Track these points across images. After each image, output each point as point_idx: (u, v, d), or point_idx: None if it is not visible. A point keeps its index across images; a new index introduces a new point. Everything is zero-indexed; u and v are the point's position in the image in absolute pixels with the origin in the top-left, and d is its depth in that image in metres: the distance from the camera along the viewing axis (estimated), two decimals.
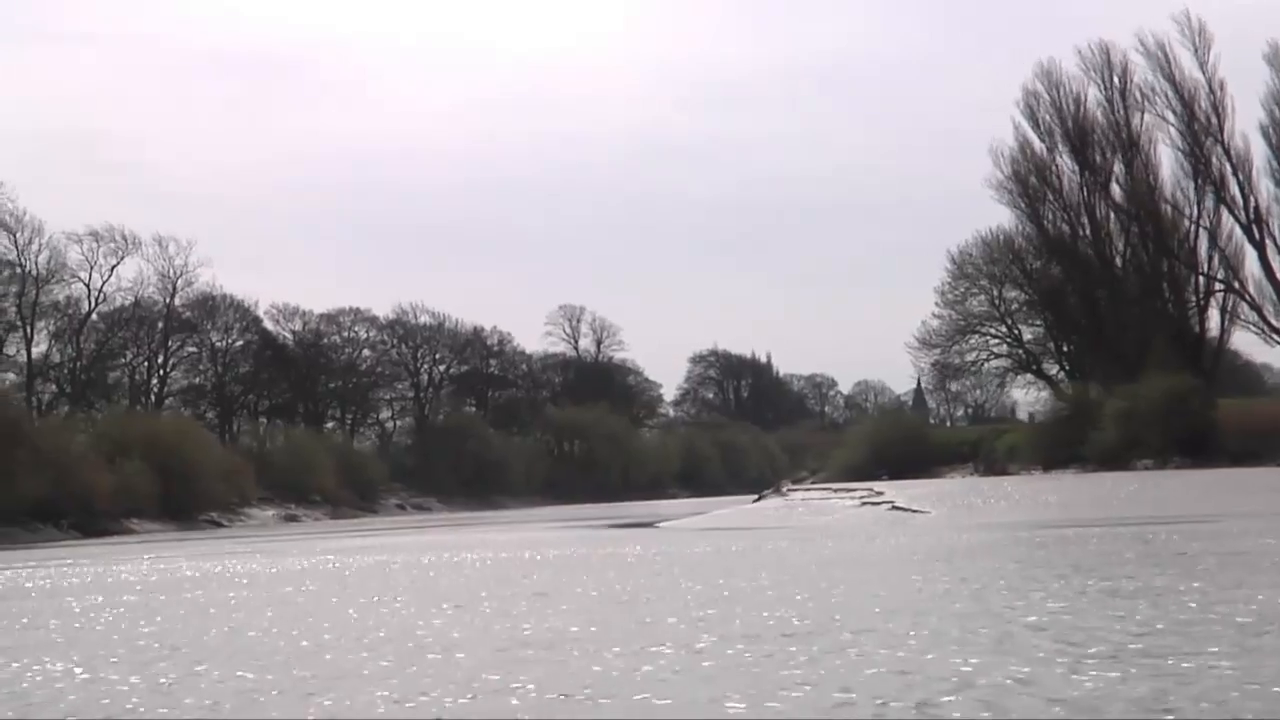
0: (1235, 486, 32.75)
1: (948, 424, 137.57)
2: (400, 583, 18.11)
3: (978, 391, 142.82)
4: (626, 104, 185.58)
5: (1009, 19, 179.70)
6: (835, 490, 40.68)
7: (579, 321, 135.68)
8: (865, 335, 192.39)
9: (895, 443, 62.62)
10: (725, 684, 7.36)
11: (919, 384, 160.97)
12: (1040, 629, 9.08)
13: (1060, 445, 54.69)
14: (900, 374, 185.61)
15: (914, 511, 30.37)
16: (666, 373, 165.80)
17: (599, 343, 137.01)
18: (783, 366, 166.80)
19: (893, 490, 37.11)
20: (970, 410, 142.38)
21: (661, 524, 40.79)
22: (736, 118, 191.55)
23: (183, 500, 69.81)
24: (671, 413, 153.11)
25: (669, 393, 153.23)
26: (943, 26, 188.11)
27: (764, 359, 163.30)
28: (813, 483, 65.48)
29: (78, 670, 9.67)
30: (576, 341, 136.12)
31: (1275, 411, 50.35)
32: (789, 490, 47.52)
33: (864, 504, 34.05)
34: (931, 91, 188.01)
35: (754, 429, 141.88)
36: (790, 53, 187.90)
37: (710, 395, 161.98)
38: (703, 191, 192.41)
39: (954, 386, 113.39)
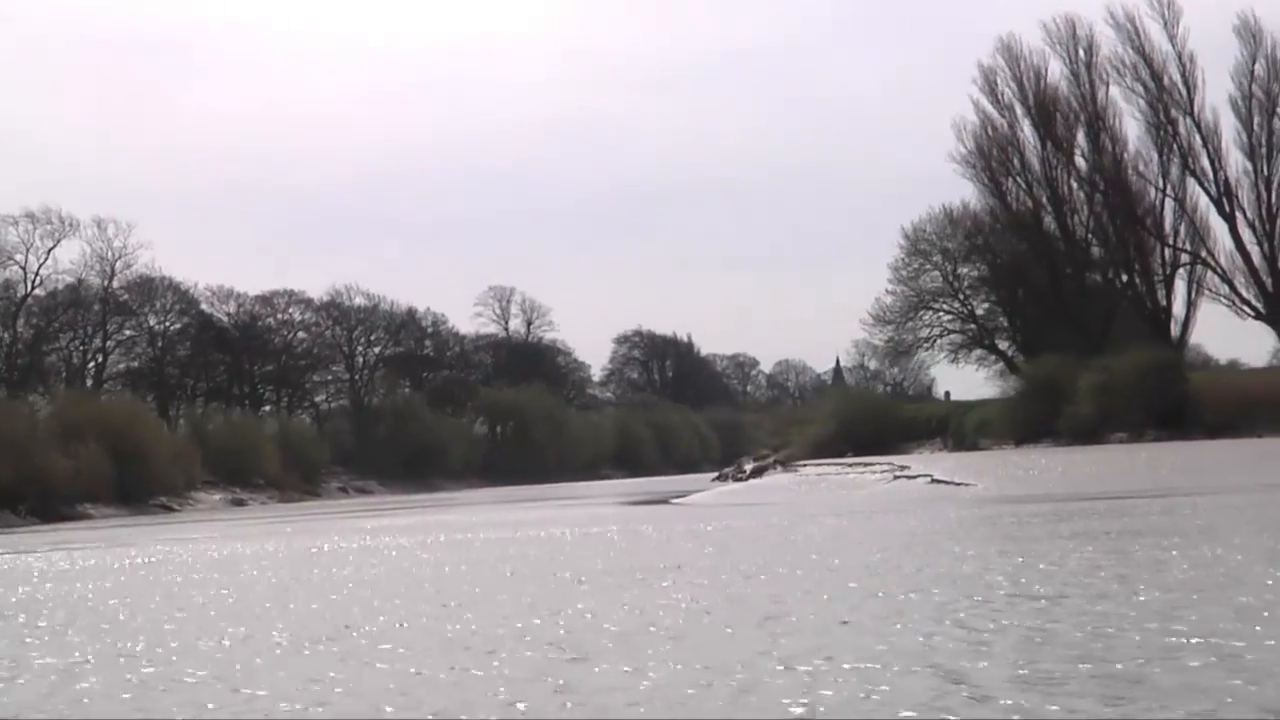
0: (1260, 456, 33.11)
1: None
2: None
3: (895, 370, 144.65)
4: (544, 88, 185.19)
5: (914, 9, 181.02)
6: (849, 465, 40.46)
7: (509, 302, 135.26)
8: (786, 316, 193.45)
9: (862, 419, 62.49)
10: None
11: (838, 363, 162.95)
12: None
13: (1034, 420, 54.75)
14: (820, 353, 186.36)
15: (958, 484, 30.25)
16: (592, 353, 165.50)
17: (529, 323, 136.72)
18: (705, 346, 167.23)
19: (920, 464, 37.03)
20: (888, 389, 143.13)
21: (678, 501, 40.58)
22: (655, 101, 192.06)
23: (135, 484, 68.61)
24: (599, 394, 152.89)
25: (595, 373, 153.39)
26: (858, 12, 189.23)
27: (686, 339, 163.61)
28: (776, 461, 65.59)
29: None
30: (507, 322, 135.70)
31: (1249, 384, 50.92)
32: (797, 466, 47.07)
33: (896, 479, 33.83)
34: (844, 77, 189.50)
35: (684, 409, 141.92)
36: (710, 37, 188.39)
37: (635, 375, 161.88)
38: (620, 174, 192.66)
39: (894, 368, 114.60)
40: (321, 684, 7.56)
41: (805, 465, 46.41)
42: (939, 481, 31.22)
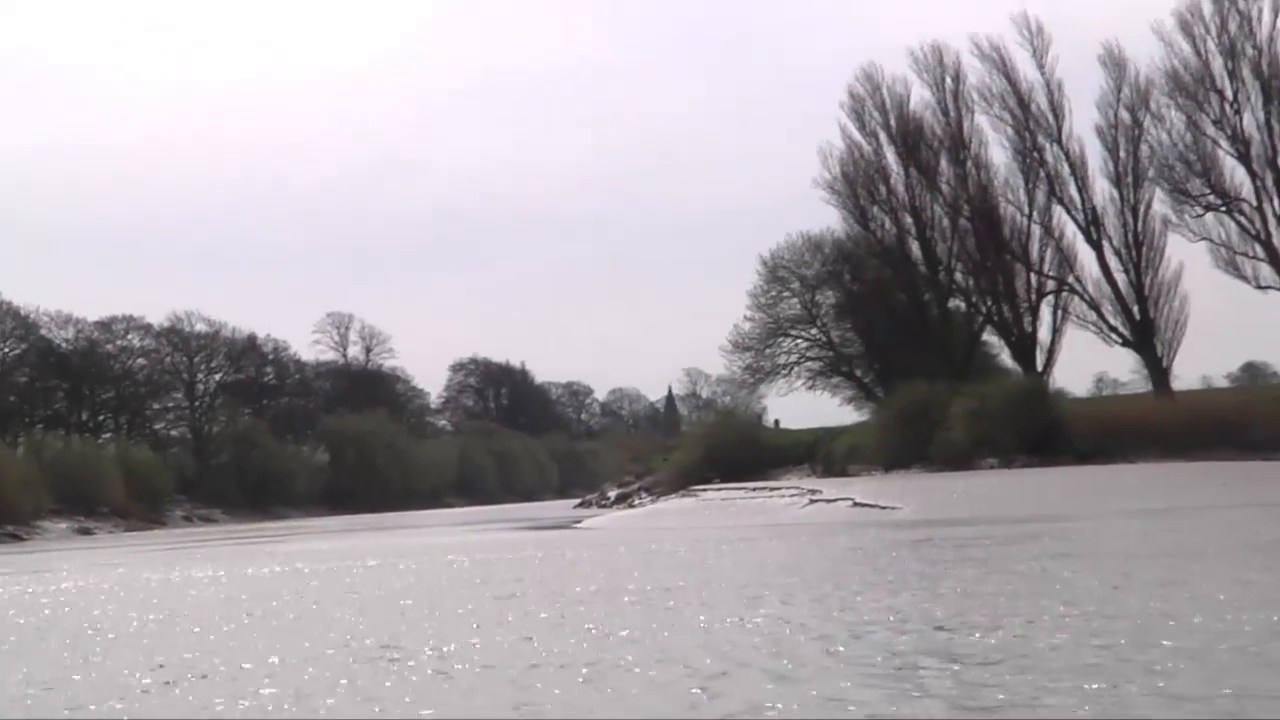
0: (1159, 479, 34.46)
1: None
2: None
3: (728, 399, 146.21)
4: (379, 119, 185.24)
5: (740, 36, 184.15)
6: (753, 490, 40.84)
7: (348, 329, 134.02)
8: (619, 345, 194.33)
9: (729, 445, 62.81)
10: None
11: (669, 391, 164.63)
12: None
13: (905, 446, 55.50)
14: (653, 382, 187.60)
15: (883, 508, 30.83)
16: (429, 381, 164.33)
17: (368, 350, 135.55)
18: (540, 374, 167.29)
19: (831, 488, 37.51)
20: (709, 418, 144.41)
21: (582, 526, 40.73)
22: (472, 130, 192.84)
23: None
24: (436, 421, 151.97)
25: (432, 401, 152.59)
26: (681, 38, 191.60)
27: (520, 366, 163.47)
28: (642, 488, 65.79)
29: None
30: (345, 349, 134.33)
31: (1118, 411, 52.53)
32: (696, 491, 47.13)
33: (813, 502, 34.21)
34: (663, 105, 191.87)
35: (522, 436, 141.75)
36: (536, 60, 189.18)
37: (470, 403, 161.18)
38: (449, 201, 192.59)
39: (725, 397, 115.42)
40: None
41: (705, 490, 46.57)
42: (862, 505, 31.75)
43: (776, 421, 78.85)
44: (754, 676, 7.79)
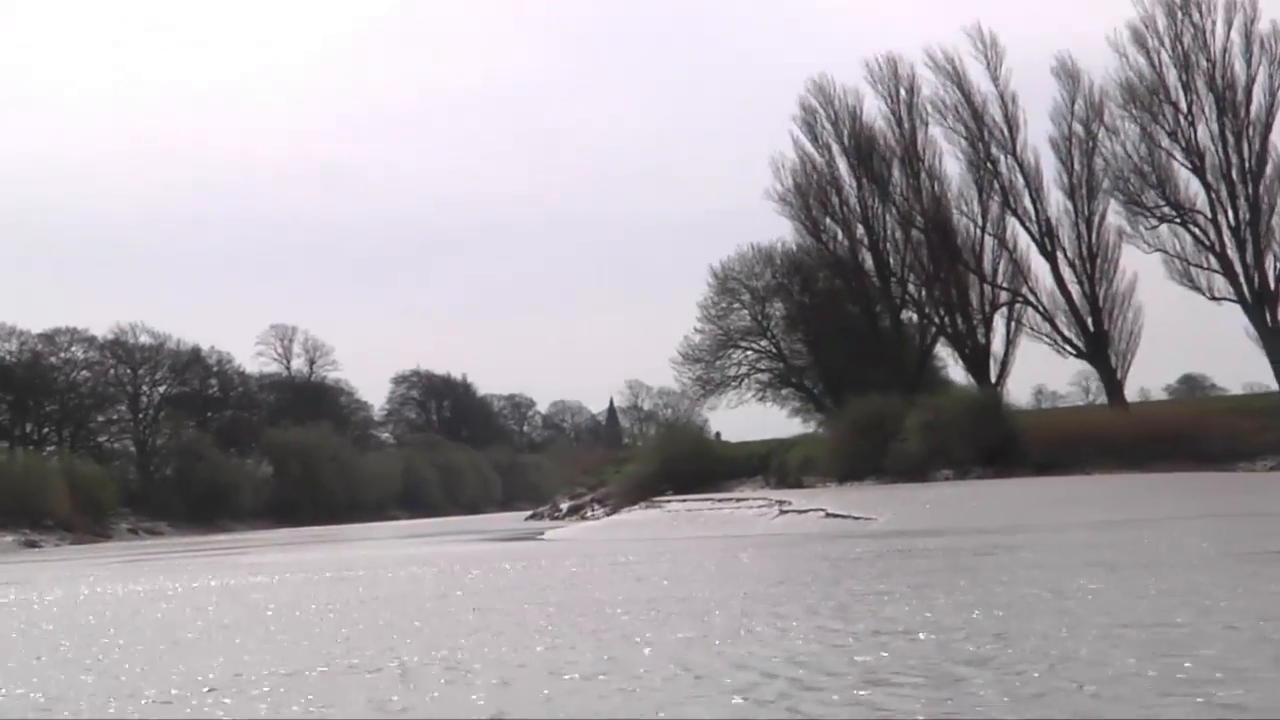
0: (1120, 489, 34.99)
1: (639, 443, 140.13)
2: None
3: (669, 411, 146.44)
4: (320, 132, 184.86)
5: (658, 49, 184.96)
6: (720, 501, 41.03)
7: (291, 341, 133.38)
8: (561, 357, 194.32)
9: (683, 457, 62.93)
10: None
11: (611, 404, 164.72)
12: None
13: (860, 457, 55.66)
14: (594, 395, 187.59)
15: (858, 519, 31.07)
16: (372, 393, 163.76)
17: (312, 362, 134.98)
18: (482, 386, 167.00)
19: (799, 499, 37.68)
20: (663, 429, 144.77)
21: (545, 538, 40.78)
22: (414, 144, 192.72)
23: None
24: (379, 434, 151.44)
25: (375, 413, 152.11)
26: (614, 52, 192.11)
27: (461, 378, 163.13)
28: (594, 500, 65.89)
29: None
30: (289, 361, 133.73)
31: (1073, 422, 53.05)
32: (661, 502, 47.25)
33: (784, 513, 34.40)
34: (605, 119, 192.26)
35: (465, 448, 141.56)
36: (474, 76, 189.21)
37: (413, 415, 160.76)
38: (392, 215, 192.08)
39: (668, 409, 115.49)
40: None
41: (670, 501, 46.67)
42: (835, 516, 31.96)
43: (718, 434, 79.16)
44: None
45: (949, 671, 8.02)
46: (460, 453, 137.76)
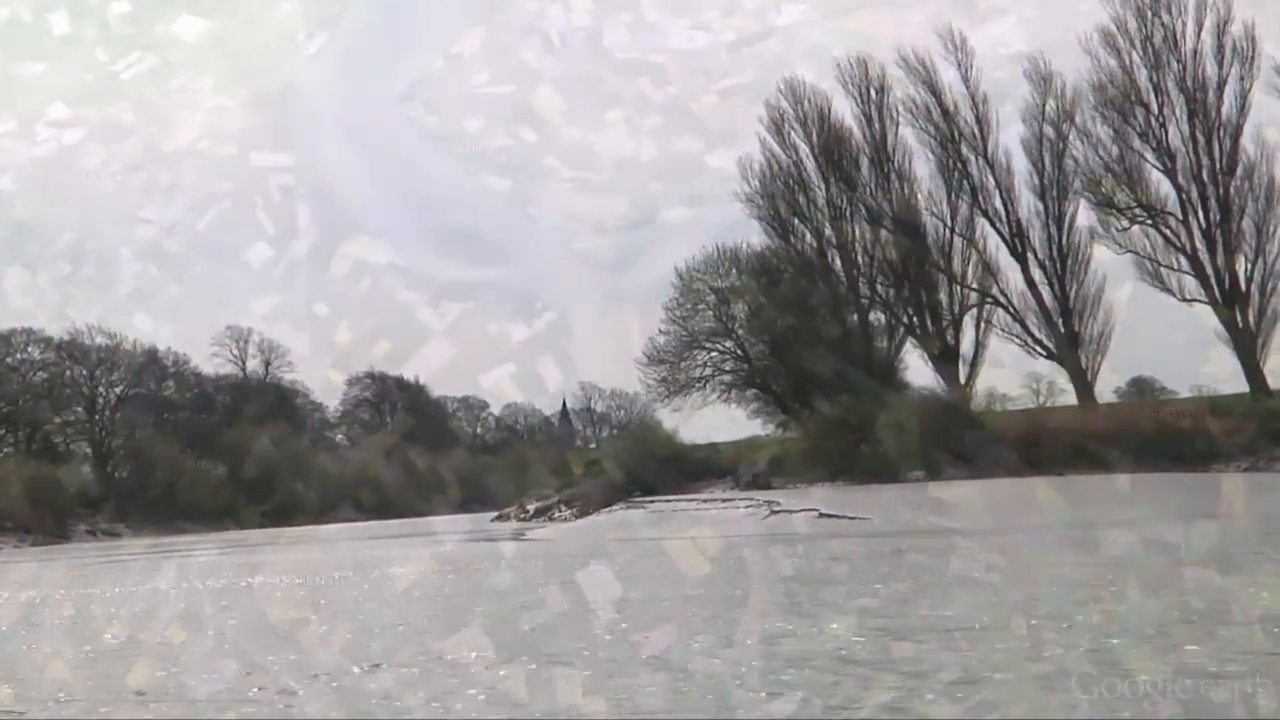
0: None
1: (593, 445, 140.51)
2: None
3: (622, 413, 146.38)
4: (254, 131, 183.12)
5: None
6: (704, 501, 41.03)
7: (246, 342, 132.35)
8: (514, 358, 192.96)
9: (649, 459, 62.86)
10: None
11: (564, 405, 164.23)
12: None
13: (830, 459, 55.82)
14: (547, 397, 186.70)
15: (851, 519, 31.09)
16: (325, 394, 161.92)
17: (268, 364, 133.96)
18: (436, 388, 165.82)
19: (786, 499, 37.71)
20: (614, 431, 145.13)
21: (527, 539, 40.56)
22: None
23: None
24: (335, 436, 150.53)
25: (329, 414, 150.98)
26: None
27: (415, 380, 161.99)
28: (561, 501, 65.70)
29: None
30: (244, 362, 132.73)
31: (1043, 423, 53.32)
32: (642, 504, 47.21)
33: (774, 513, 34.42)
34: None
35: (423, 450, 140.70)
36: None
37: (367, 417, 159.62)
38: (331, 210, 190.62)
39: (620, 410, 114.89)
40: None
41: (653, 501, 46.66)
42: (829, 516, 31.98)
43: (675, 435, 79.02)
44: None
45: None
46: (416, 454, 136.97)
